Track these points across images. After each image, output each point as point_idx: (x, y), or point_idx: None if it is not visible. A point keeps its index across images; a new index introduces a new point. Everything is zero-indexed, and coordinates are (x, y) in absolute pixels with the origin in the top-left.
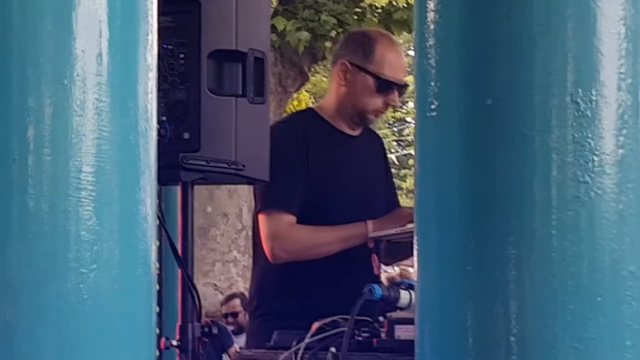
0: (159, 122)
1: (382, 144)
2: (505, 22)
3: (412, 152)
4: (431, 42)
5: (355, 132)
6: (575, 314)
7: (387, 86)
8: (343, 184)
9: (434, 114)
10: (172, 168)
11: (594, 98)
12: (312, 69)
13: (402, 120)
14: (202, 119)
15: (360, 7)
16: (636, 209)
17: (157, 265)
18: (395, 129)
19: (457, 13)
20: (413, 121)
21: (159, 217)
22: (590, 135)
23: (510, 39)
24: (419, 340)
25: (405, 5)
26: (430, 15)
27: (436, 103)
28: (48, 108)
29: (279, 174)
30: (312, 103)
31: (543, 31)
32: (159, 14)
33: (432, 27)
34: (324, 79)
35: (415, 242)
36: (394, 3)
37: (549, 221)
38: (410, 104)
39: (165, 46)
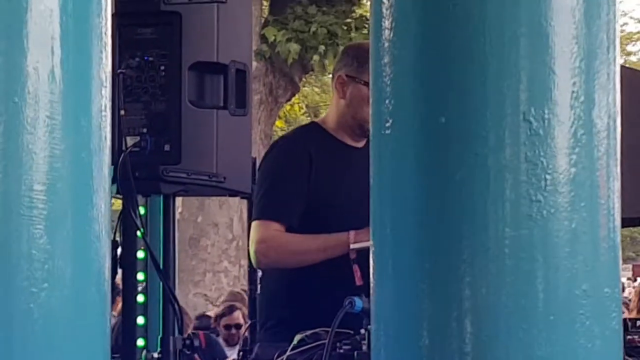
0: (140, 134)
1: None
2: (459, 41)
3: None
4: (386, 59)
5: (359, 144)
6: (528, 332)
7: None
8: (346, 196)
9: (388, 131)
10: (153, 180)
11: (546, 116)
12: (303, 80)
13: None
14: (183, 131)
15: (350, 19)
16: (589, 228)
17: (143, 277)
18: None
19: (412, 31)
20: None
21: (141, 229)
22: (542, 153)
23: (464, 57)
24: (374, 358)
25: None
26: (385, 33)
27: (391, 121)
28: None
29: (276, 186)
30: (305, 113)
31: (496, 50)
32: (140, 26)
33: (386, 45)
34: (315, 88)
35: (371, 259)
36: None
37: (502, 239)
38: None
39: (146, 58)
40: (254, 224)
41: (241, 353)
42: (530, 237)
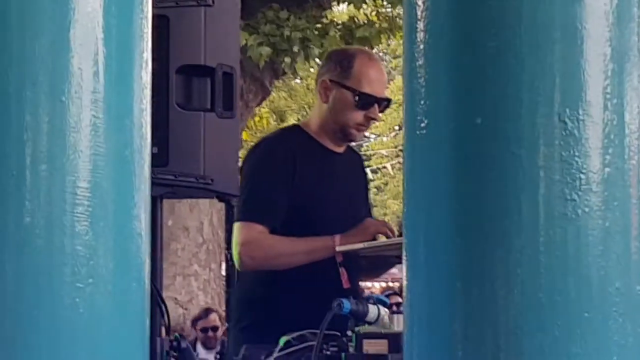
0: None
1: (362, 163)
2: (494, 43)
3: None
4: (421, 61)
5: (340, 149)
6: (562, 329)
7: (366, 101)
8: (328, 199)
9: (423, 132)
10: None
11: (580, 117)
12: (273, 84)
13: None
14: (170, 134)
15: (321, 23)
16: (622, 226)
17: None
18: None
19: (447, 33)
20: (373, 136)
21: None
22: (577, 153)
23: (499, 60)
24: (406, 356)
25: (366, 21)
26: (420, 35)
27: (426, 121)
28: (45, 125)
29: (259, 187)
30: (273, 119)
31: (531, 52)
32: None
33: (421, 47)
34: (283, 93)
35: (404, 259)
36: (355, 20)
37: (536, 238)
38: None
39: None
40: (236, 225)
41: (218, 356)
42: (565, 236)
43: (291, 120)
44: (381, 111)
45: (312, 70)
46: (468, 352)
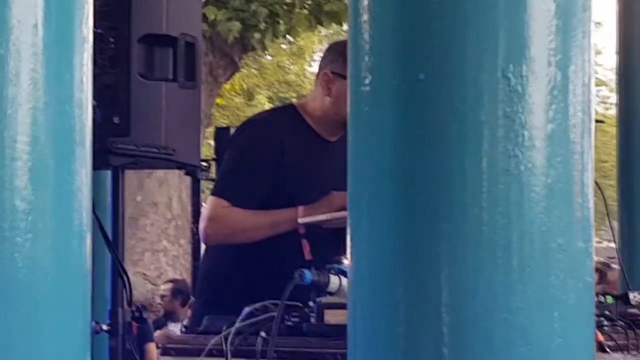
0: None
1: None
2: None
3: None
4: (365, 17)
5: (333, 138)
6: (504, 285)
7: None
8: (315, 187)
9: (367, 88)
10: (102, 153)
11: (524, 74)
12: (242, 60)
13: None
14: (132, 104)
15: None
16: (565, 183)
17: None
18: None
19: None
20: None
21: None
22: (520, 110)
23: (443, 15)
24: (351, 308)
25: None
26: None
27: (370, 77)
28: None
29: (241, 168)
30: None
31: (475, 7)
32: None
33: (366, 2)
34: (253, 70)
35: (348, 214)
36: None
37: (479, 194)
38: None
39: (95, 30)
40: (209, 198)
41: (184, 328)
42: (507, 192)
43: (260, 98)
44: None
45: (283, 47)
46: (411, 309)
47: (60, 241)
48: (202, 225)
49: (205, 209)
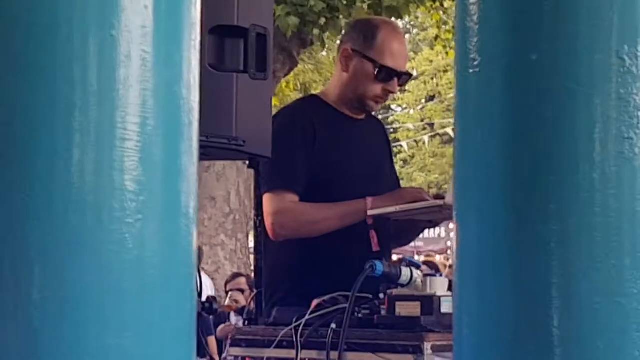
0: None
1: (384, 129)
2: None
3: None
4: None
5: (359, 116)
6: (617, 269)
7: (387, 74)
8: (349, 165)
9: (476, 69)
10: None
11: (639, 54)
12: (300, 55)
13: (387, 108)
14: (202, 95)
15: None
16: None
17: None
18: (380, 117)
19: None
20: (399, 109)
21: None
22: (635, 91)
23: None
24: (457, 286)
25: None
26: None
27: (479, 59)
28: (94, 58)
29: (283, 156)
30: (300, 87)
31: None
32: None
33: None
34: (309, 66)
35: (454, 195)
36: None
37: (592, 176)
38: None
39: None
40: (266, 196)
41: (246, 322)
42: (621, 174)
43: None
44: (400, 85)
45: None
46: (520, 291)
47: (168, 222)
48: (268, 221)
49: (266, 206)
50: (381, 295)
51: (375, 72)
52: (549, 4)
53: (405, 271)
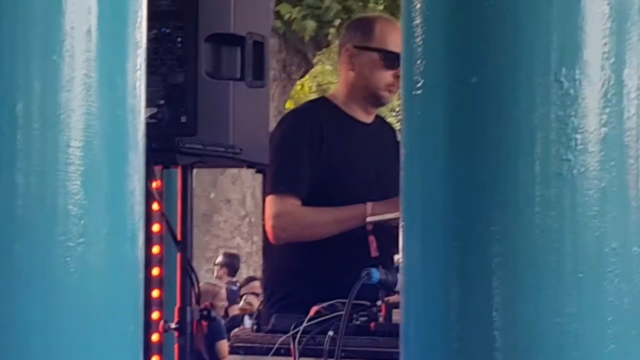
0: (157, 105)
1: (395, 135)
2: (491, 1)
3: None
4: (418, 20)
5: (368, 119)
6: (557, 289)
7: (393, 59)
8: (355, 169)
9: (419, 92)
10: (169, 151)
11: (577, 77)
12: (316, 56)
13: None
14: (199, 103)
15: None
16: (618, 187)
17: (158, 250)
18: (400, 117)
19: None
20: None
21: (158, 202)
22: (573, 113)
23: (496, 18)
24: (404, 311)
25: None
26: None
27: (422, 81)
28: (37, 83)
29: (288, 159)
30: (316, 88)
31: (528, 10)
32: None
33: (418, 5)
34: (327, 66)
35: (401, 219)
36: None
37: (532, 198)
38: None
39: (163, 30)
40: (268, 198)
41: (255, 326)
42: (560, 196)
43: None
44: None
45: None
46: (463, 312)
47: (112, 245)
48: (269, 223)
49: (268, 208)
50: (378, 303)
51: (382, 59)
52: (489, 27)
53: (402, 278)
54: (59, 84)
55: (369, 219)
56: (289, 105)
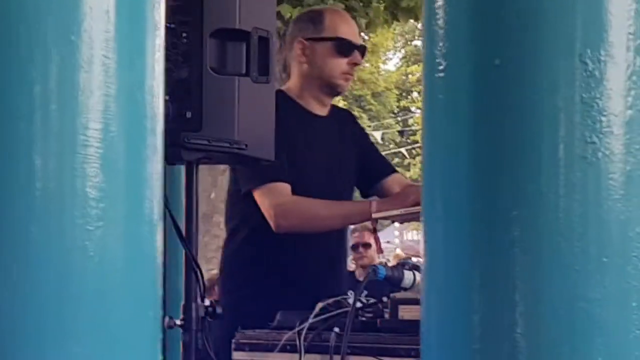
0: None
1: (354, 119)
2: None
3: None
4: (440, 2)
5: (323, 112)
6: (581, 274)
7: (346, 46)
8: (314, 164)
9: (442, 74)
10: (174, 147)
11: (602, 58)
12: None
13: (407, 110)
14: (204, 98)
15: None
16: None
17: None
18: (399, 119)
19: None
20: (418, 110)
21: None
22: (598, 95)
23: None
24: (426, 284)
25: None
26: None
27: (444, 64)
28: (55, 64)
29: None
30: None
31: None
32: None
33: None
34: None
35: (422, 201)
36: None
37: (556, 182)
38: (415, 94)
39: (168, 25)
40: (258, 192)
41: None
42: (585, 179)
43: None
44: (362, 57)
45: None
46: (486, 297)
47: (131, 229)
48: (269, 213)
49: (263, 200)
50: (384, 299)
51: (336, 48)
52: (513, 9)
53: (408, 274)
54: (77, 64)
55: (374, 216)
56: None
